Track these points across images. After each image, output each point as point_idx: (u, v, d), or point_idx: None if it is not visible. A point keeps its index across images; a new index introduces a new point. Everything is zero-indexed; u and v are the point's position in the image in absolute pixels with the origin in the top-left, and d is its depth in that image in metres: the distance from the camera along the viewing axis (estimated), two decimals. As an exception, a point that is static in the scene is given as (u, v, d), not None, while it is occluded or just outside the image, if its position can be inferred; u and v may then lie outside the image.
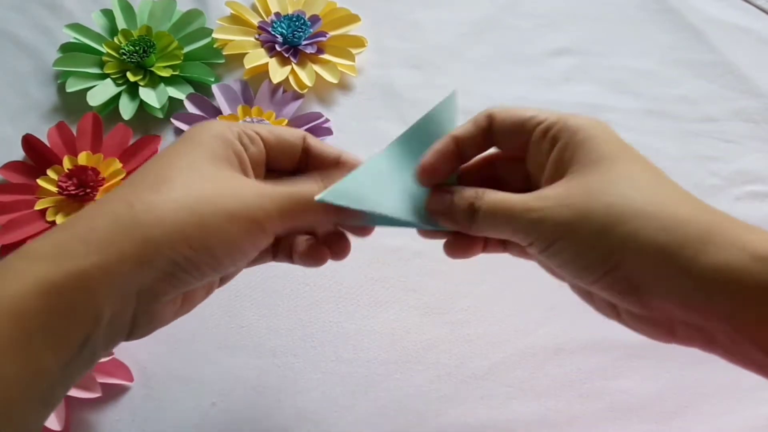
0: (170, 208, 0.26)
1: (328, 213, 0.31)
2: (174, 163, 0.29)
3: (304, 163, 0.34)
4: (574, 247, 0.27)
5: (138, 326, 0.28)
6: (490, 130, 0.32)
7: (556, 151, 0.30)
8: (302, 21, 0.60)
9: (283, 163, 0.34)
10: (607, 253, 0.26)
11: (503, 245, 0.34)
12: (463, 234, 0.32)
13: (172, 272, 0.27)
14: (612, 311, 0.30)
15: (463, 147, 0.32)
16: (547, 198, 0.29)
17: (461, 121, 0.33)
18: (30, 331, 0.23)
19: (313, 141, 0.34)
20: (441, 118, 0.33)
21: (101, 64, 0.58)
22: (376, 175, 0.32)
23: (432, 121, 0.33)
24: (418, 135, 0.33)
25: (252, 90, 0.57)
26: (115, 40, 0.58)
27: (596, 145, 0.29)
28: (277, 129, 0.34)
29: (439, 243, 0.34)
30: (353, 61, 0.59)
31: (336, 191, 0.30)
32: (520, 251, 0.34)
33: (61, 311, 0.24)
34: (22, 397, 0.23)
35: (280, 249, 0.35)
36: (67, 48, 0.59)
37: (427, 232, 0.33)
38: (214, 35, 0.59)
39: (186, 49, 0.59)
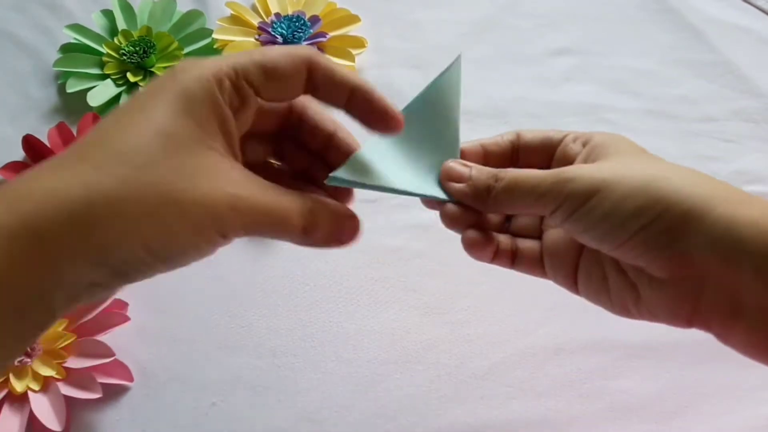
0: (136, 212, 0.24)
1: (297, 235, 0.28)
2: (151, 142, 0.25)
3: (288, 127, 0.31)
4: (611, 200, 0.27)
5: (89, 300, 0.26)
6: (516, 144, 0.34)
7: (587, 148, 0.31)
8: (302, 21, 0.60)
9: (268, 125, 0.31)
10: (649, 203, 0.27)
11: (512, 257, 0.34)
12: (477, 227, 0.32)
13: (125, 271, 0.25)
14: (630, 297, 0.29)
15: (487, 156, 0.34)
16: (580, 166, 0.29)
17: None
18: None
19: (313, 105, 0.31)
20: (446, 87, 0.33)
21: (101, 65, 0.58)
22: (382, 150, 0.32)
23: (438, 91, 0.33)
24: (423, 106, 0.33)
25: (252, 90, 0.56)
26: (116, 40, 0.59)
27: (622, 145, 0.31)
28: (270, 57, 0.28)
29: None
30: (353, 61, 0.59)
31: (346, 170, 0.30)
32: (530, 263, 0.34)
33: (12, 309, 0.23)
34: None
35: None
36: (67, 48, 0.59)
37: (430, 202, 0.33)
38: (214, 36, 0.59)
39: (186, 50, 0.59)
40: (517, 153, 0.34)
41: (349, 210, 0.30)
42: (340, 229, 0.30)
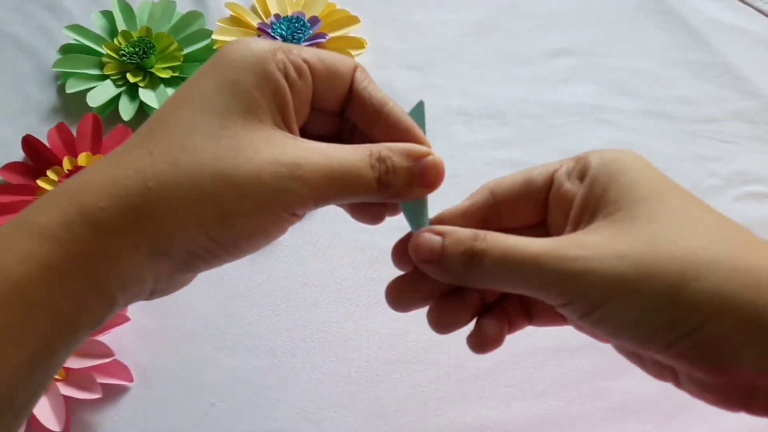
0: (190, 195, 0.23)
1: (374, 190, 0.26)
2: (202, 121, 0.24)
3: (348, 101, 0.28)
4: (634, 309, 0.22)
5: (153, 296, 0.26)
6: (493, 206, 0.28)
7: (585, 186, 0.26)
8: (302, 22, 0.60)
9: (330, 100, 0.28)
10: (682, 315, 0.22)
11: (528, 315, 0.29)
12: (451, 298, 0.28)
13: (189, 261, 0.24)
14: (669, 374, 0.26)
15: (464, 217, 0.29)
16: (589, 245, 0.23)
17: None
18: (38, 318, 0.22)
19: (361, 76, 0.28)
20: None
21: (101, 66, 0.58)
22: None
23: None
24: None
25: (252, 91, 0.57)
26: (115, 41, 0.59)
27: (635, 180, 0.25)
28: (326, 55, 0.27)
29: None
30: (353, 62, 0.59)
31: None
32: (549, 319, 0.29)
33: (70, 299, 0.23)
34: (27, 382, 0.22)
35: None
36: (66, 49, 0.59)
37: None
38: (213, 36, 0.59)
39: (186, 51, 0.59)
40: (495, 213, 0.28)
41: (423, 147, 0.27)
42: (420, 170, 0.26)
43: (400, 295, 0.28)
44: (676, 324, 0.22)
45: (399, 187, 0.26)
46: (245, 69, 0.25)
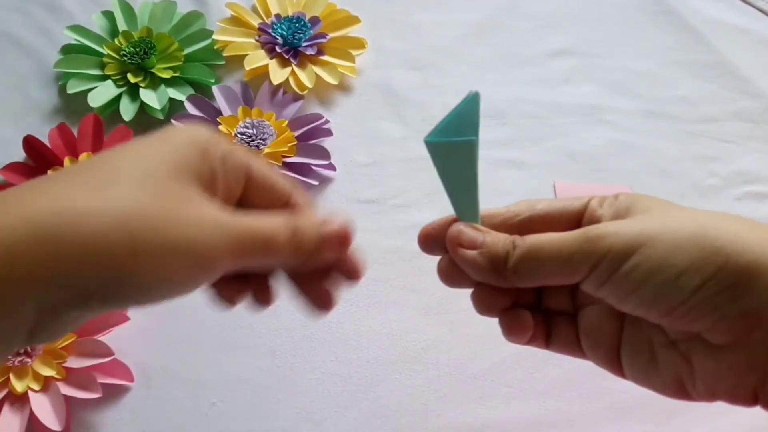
0: (104, 223, 0.21)
1: (287, 251, 0.26)
2: (130, 164, 0.24)
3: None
4: (657, 254, 0.24)
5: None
6: (529, 217, 0.30)
7: (614, 208, 0.28)
8: (302, 22, 0.60)
9: (258, 206, 0.28)
10: (705, 255, 0.23)
11: (546, 337, 0.30)
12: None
13: (85, 297, 0.22)
14: (683, 366, 0.26)
15: (496, 226, 0.30)
16: (610, 222, 0.26)
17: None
18: None
19: (260, 166, 0.28)
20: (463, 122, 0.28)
21: (102, 66, 0.58)
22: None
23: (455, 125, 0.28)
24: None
25: (252, 91, 0.57)
26: (116, 41, 0.59)
27: (652, 202, 0.27)
28: (273, 175, 0.28)
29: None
30: (353, 62, 0.59)
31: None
32: (566, 343, 0.30)
33: None
34: None
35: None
36: (67, 50, 0.59)
37: (454, 279, 0.30)
38: (214, 37, 0.59)
39: (186, 51, 0.59)
40: (529, 225, 0.30)
41: (339, 218, 0.28)
42: (332, 235, 0.27)
43: (450, 274, 0.30)
44: (697, 266, 0.23)
45: (312, 253, 0.27)
46: (189, 142, 0.25)
